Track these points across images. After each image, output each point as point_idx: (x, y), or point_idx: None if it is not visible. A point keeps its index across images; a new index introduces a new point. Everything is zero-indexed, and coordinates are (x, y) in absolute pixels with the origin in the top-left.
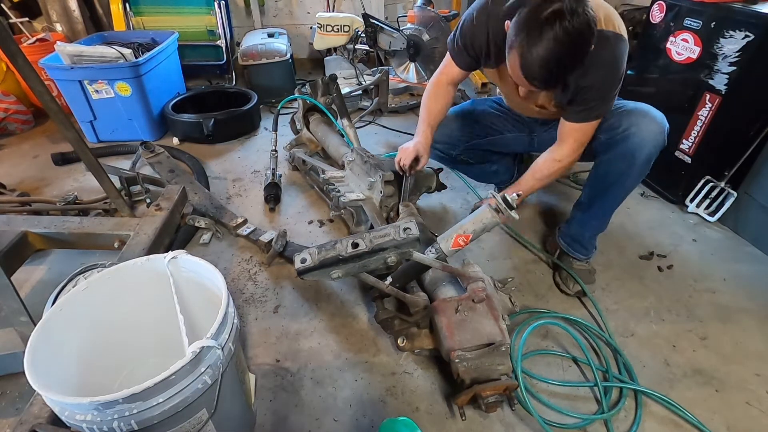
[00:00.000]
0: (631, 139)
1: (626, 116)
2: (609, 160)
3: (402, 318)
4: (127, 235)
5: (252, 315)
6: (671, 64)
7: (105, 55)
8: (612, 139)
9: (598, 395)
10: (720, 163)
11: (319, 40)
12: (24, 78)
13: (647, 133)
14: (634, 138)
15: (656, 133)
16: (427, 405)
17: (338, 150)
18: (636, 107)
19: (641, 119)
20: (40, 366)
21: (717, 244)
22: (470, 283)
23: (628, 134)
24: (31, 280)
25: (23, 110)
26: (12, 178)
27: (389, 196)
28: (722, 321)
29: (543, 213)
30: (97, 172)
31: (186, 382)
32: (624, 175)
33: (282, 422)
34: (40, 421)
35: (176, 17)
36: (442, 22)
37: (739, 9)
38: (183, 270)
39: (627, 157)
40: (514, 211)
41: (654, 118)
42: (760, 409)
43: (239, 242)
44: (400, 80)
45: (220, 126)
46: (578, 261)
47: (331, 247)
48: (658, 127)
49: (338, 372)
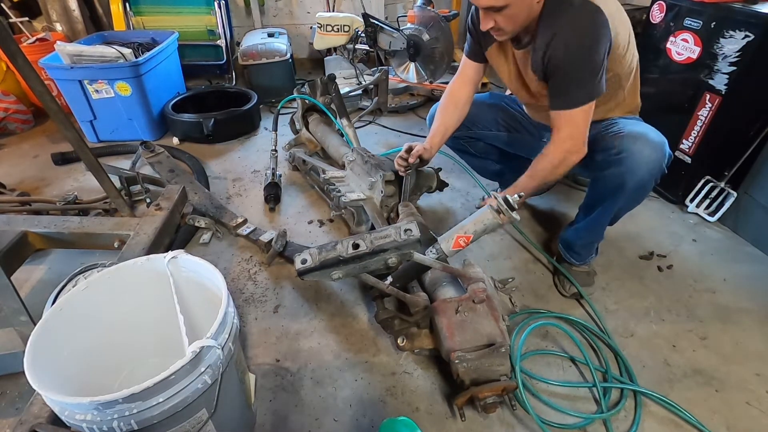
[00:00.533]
0: (623, 163)
1: (620, 139)
2: (602, 179)
3: (402, 318)
4: (127, 235)
5: (252, 315)
6: (671, 64)
7: (105, 54)
8: (605, 161)
9: (597, 395)
10: (720, 163)
11: (319, 40)
12: (24, 78)
13: (640, 158)
14: (626, 162)
15: (650, 160)
16: (427, 405)
17: (338, 150)
18: (633, 130)
19: (635, 144)
20: (40, 366)
21: (717, 244)
22: (470, 284)
23: (621, 158)
24: (31, 280)
25: (23, 110)
26: (12, 178)
27: (390, 195)
28: (722, 321)
29: (543, 213)
30: (97, 171)
31: (186, 382)
32: (613, 198)
33: (282, 422)
34: (40, 421)
35: (176, 17)
36: (442, 22)
37: (739, 9)
38: (183, 270)
39: (617, 180)
40: (515, 212)
41: (649, 141)
42: (760, 409)
43: (239, 242)
44: (399, 80)
45: (220, 126)
46: (575, 265)
47: (331, 247)
48: (653, 155)
49: (338, 372)
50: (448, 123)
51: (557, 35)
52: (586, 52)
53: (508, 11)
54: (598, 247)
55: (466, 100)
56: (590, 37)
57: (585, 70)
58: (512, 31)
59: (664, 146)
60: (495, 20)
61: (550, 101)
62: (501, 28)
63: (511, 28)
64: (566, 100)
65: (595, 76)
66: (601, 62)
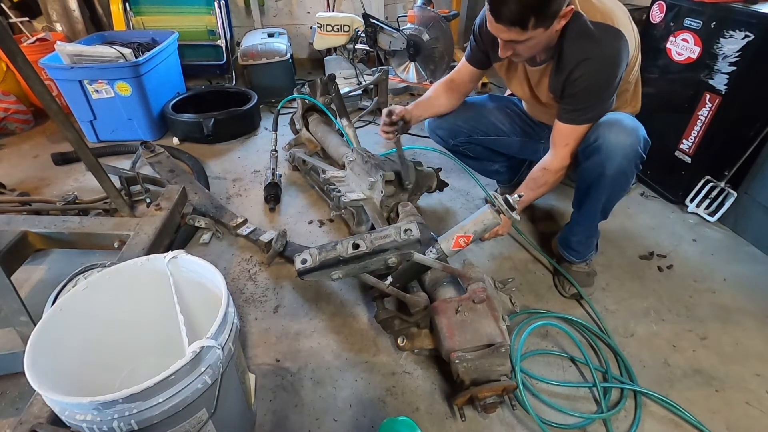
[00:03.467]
0: (600, 150)
1: (596, 127)
2: (585, 170)
3: (402, 318)
4: (127, 235)
5: (252, 315)
6: (671, 64)
7: (105, 54)
8: (585, 150)
9: (597, 395)
10: (720, 163)
11: (319, 40)
12: (24, 78)
13: (615, 145)
14: (602, 149)
15: (625, 146)
16: (427, 405)
17: (338, 150)
18: (607, 118)
19: (608, 130)
20: (40, 366)
21: (717, 244)
22: (471, 284)
23: (597, 146)
24: (31, 280)
25: (23, 110)
26: (12, 178)
27: (390, 195)
28: (722, 321)
29: (543, 214)
30: (97, 172)
31: (186, 382)
32: (597, 186)
33: (282, 422)
34: (40, 421)
35: (176, 17)
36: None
37: (739, 9)
38: (183, 270)
39: (598, 168)
40: (515, 212)
41: (623, 128)
42: (760, 409)
43: (239, 242)
44: (399, 80)
45: (220, 126)
46: (575, 263)
47: (331, 248)
48: (627, 139)
49: (338, 372)
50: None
51: (581, 63)
52: (607, 79)
53: (530, 42)
54: (597, 243)
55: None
56: (613, 66)
57: (603, 96)
58: (530, 56)
59: (637, 131)
60: (515, 48)
61: (561, 113)
62: (519, 54)
63: (530, 54)
64: (575, 117)
65: (610, 98)
66: (617, 86)
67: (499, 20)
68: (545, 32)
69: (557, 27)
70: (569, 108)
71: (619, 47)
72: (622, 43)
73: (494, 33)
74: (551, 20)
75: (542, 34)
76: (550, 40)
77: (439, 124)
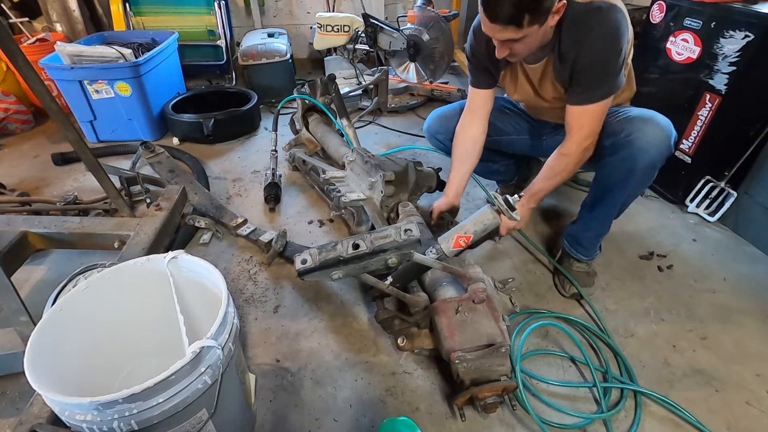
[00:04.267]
0: (634, 144)
1: (629, 122)
2: (611, 164)
3: (402, 318)
4: (127, 235)
5: (252, 315)
6: (671, 64)
7: (105, 55)
8: (614, 145)
9: (597, 395)
10: (720, 163)
11: (319, 40)
12: (24, 78)
13: (651, 139)
14: (636, 143)
15: (660, 139)
16: (427, 405)
17: (338, 150)
18: (640, 113)
19: (645, 125)
20: (40, 366)
21: (717, 244)
22: (471, 284)
23: (631, 139)
24: (31, 280)
25: (23, 110)
26: (12, 178)
27: (390, 195)
28: (722, 321)
29: (544, 214)
30: (97, 172)
31: (186, 382)
32: (624, 181)
33: (282, 422)
34: (40, 421)
35: (176, 17)
36: (442, 22)
37: (739, 9)
38: (183, 270)
39: (628, 162)
40: (515, 212)
41: (658, 123)
42: (760, 409)
43: (239, 242)
44: (399, 80)
45: (220, 126)
46: (579, 262)
47: (331, 248)
48: (662, 134)
49: (338, 372)
50: (464, 169)
51: (582, 43)
52: (611, 52)
53: (526, 39)
54: (601, 243)
55: (480, 133)
56: (615, 39)
57: (610, 71)
58: (527, 54)
59: (671, 127)
60: (511, 48)
61: (570, 97)
62: (516, 53)
63: (527, 52)
64: (587, 97)
65: (618, 74)
66: (624, 59)
67: (494, 20)
68: (540, 29)
69: (551, 23)
70: (579, 90)
71: (618, 19)
72: (620, 14)
73: (490, 34)
74: (545, 16)
75: (537, 31)
76: (545, 37)
77: (438, 128)
